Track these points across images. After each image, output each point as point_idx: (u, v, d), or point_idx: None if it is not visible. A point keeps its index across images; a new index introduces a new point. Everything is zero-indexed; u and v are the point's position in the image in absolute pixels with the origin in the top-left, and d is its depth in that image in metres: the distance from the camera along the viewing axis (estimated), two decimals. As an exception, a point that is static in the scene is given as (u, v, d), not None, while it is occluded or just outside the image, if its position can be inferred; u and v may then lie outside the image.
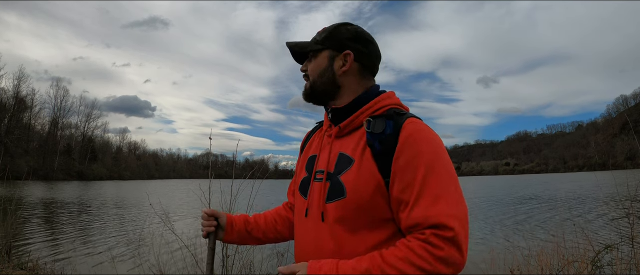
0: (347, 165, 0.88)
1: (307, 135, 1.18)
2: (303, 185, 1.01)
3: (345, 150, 0.91)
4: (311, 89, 1.01)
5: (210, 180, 3.52)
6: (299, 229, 1.00)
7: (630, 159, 75.73)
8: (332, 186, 0.89)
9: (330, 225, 0.88)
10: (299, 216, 1.00)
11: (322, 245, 0.88)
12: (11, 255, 5.42)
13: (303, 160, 1.08)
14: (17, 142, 61.97)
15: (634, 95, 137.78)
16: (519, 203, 16.52)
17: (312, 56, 1.02)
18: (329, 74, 0.97)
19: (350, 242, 0.85)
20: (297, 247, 1.00)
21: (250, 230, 1.17)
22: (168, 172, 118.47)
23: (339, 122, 0.97)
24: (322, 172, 0.94)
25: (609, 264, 3.33)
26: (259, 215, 1.21)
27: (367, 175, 0.84)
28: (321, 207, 0.91)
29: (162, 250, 4.42)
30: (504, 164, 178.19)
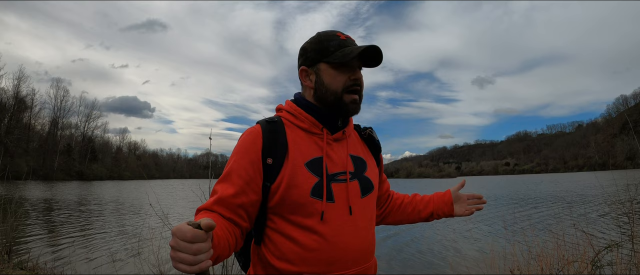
0: (365, 164, 1.08)
1: (269, 135, 0.99)
2: (319, 190, 0.95)
3: (353, 152, 1.08)
4: (361, 101, 1.07)
5: (210, 180, 3.52)
6: (334, 231, 0.94)
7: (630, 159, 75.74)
8: (363, 183, 1.04)
9: (369, 216, 1.05)
10: (332, 219, 0.94)
11: (366, 234, 1.01)
12: (11, 255, 5.42)
13: (296, 164, 0.95)
14: (17, 142, 61.95)
15: (634, 95, 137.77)
16: (519, 203, 16.52)
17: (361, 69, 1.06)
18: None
19: (373, 225, 1.08)
20: (335, 247, 0.93)
21: (215, 246, 0.79)
22: (168, 172, 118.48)
23: (339, 128, 1.07)
24: (345, 173, 1.02)
25: (609, 264, 3.33)
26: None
27: (376, 170, 1.13)
28: (358, 203, 1.01)
29: (162, 251, 4.41)
30: (504, 164, 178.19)
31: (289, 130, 1.02)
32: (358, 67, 1.04)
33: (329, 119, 1.05)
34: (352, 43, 1.04)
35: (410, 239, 8.46)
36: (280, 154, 0.97)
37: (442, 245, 7.76)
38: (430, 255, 6.89)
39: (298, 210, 0.94)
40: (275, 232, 0.96)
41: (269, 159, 0.96)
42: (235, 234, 0.92)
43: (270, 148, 0.97)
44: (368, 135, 1.17)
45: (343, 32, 1.07)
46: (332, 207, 0.95)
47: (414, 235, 8.91)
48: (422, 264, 6.29)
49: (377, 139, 1.19)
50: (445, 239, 8.44)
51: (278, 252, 0.94)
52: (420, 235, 8.92)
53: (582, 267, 3.20)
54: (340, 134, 1.06)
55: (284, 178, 0.95)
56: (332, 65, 1.02)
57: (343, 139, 1.07)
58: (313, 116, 1.04)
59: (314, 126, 1.04)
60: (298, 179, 0.94)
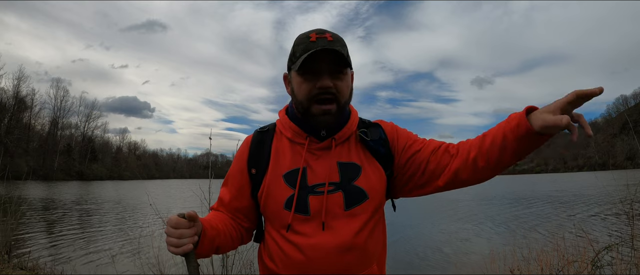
0: (358, 171, 0.97)
1: (255, 145, 1.03)
2: (291, 201, 0.93)
3: (344, 158, 0.98)
4: (340, 111, 0.95)
5: (210, 180, 3.52)
6: (308, 243, 0.92)
7: (630, 159, 75.75)
8: (349, 193, 0.94)
9: (355, 229, 0.93)
10: (305, 233, 0.92)
11: (348, 249, 0.92)
12: (11, 255, 5.42)
13: (275, 175, 0.97)
14: (17, 142, 61.95)
15: (634, 95, 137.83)
16: (519, 203, 16.52)
17: (343, 73, 0.93)
18: (350, 95, 1.00)
19: (372, 236, 0.97)
20: (310, 259, 0.91)
21: (214, 237, 0.94)
22: (168, 172, 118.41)
23: (331, 134, 0.99)
24: (324, 185, 0.94)
25: (609, 264, 3.34)
26: (211, 221, 0.97)
27: (378, 175, 0.99)
28: (340, 216, 0.93)
29: (162, 251, 4.41)
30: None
31: (276, 140, 1.02)
32: (328, 73, 0.91)
33: (314, 128, 0.98)
34: (321, 45, 0.90)
35: (410, 239, 8.46)
36: (263, 165, 1.00)
37: (442, 245, 7.76)
38: (430, 255, 6.89)
39: (275, 220, 0.98)
40: (268, 233, 1.01)
41: (253, 169, 1.01)
42: (240, 230, 1.05)
43: (254, 159, 1.02)
44: (360, 137, 1.02)
45: (321, 32, 0.93)
46: (306, 219, 0.92)
47: (414, 235, 8.92)
48: (422, 264, 6.30)
49: (377, 138, 1.02)
50: (445, 239, 8.44)
51: (268, 252, 0.99)
52: (419, 235, 8.93)
53: (582, 267, 3.20)
54: (328, 142, 0.98)
55: (265, 188, 0.98)
56: (299, 73, 0.93)
57: (332, 147, 0.98)
58: (297, 125, 1.00)
59: (297, 135, 0.99)
60: (274, 191, 0.96)
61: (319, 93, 0.91)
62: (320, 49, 0.88)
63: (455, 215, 12.79)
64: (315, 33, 0.93)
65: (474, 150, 0.92)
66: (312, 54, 0.88)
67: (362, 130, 1.02)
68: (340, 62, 0.91)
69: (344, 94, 0.94)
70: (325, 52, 0.88)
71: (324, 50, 0.88)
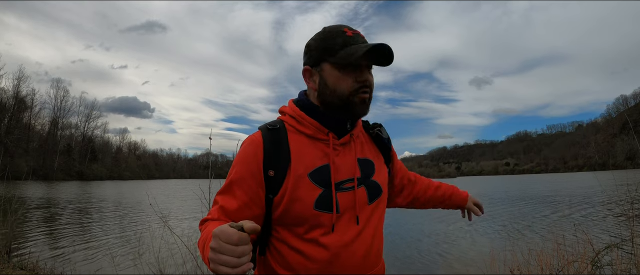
0: (372, 167, 1.01)
1: (270, 145, 0.92)
2: (323, 201, 0.89)
3: (361, 155, 1.01)
4: (369, 105, 0.97)
5: (210, 180, 3.51)
6: (341, 242, 0.89)
7: (630, 159, 75.72)
8: (370, 188, 0.98)
9: (375, 223, 0.98)
10: (330, 232, 0.89)
11: (371, 242, 0.95)
12: (11, 255, 5.42)
13: (299, 175, 0.90)
14: (17, 142, 61.94)
15: (634, 95, 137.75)
16: (519, 203, 16.52)
17: (371, 69, 0.96)
18: None
19: (381, 230, 1.02)
20: (342, 259, 0.89)
21: None
22: (168, 172, 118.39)
23: (347, 131, 0.98)
24: (353, 180, 0.95)
25: (609, 264, 3.34)
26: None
27: (384, 171, 1.06)
28: (366, 210, 0.96)
29: (162, 250, 4.41)
30: (504, 164, 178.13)
31: (291, 138, 0.94)
32: (366, 67, 0.92)
33: (336, 122, 0.95)
34: (359, 40, 0.91)
35: (410, 239, 8.45)
36: (283, 165, 0.90)
37: (441, 245, 7.76)
38: (430, 255, 6.89)
39: (302, 223, 0.89)
40: (280, 242, 0.92)
41: (271, 171, 0.90)
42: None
43: (271, 159, 0.90)
44: (376, 135, 1.08)
45: (351, 28, 0.94)
46: (339, 218, 0.90)
47: (413, 235, 8.92)
48: (421, 264, 6.29)
49: (387, 137, 1.10)
50: (445, 239, 8.44)
51: (283, 262, 0.91)
52: (419, 235, 8.93)
53: (582, 267, 3.19)
54: (347, 137, 0.97)
55: (287, 191, 0.89)
56: (337, 66, 0.91)
57: (351, 142, 0.98)
58: (318, 120, 0.95)
59: (319, 132, 0.94)
60: (300, 192, 0.89)
61: (360, 87, 0.91)
62: (379, 44, 0.87)
63: (454, 215, 12.78)
64: (347, 28, 0.94)
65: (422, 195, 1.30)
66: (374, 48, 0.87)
67: (377, 129, 1.09)
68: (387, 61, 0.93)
69: (373, 88, 0.98)
70: (383, 48, 0.88)
71: (381, 46, 0.87)
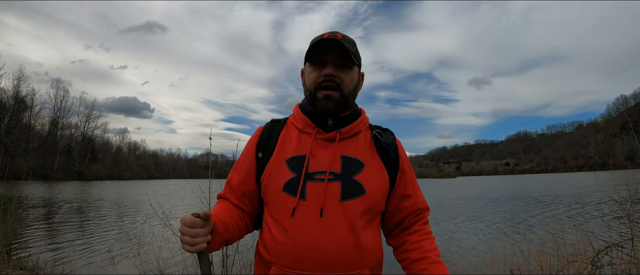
0: (359, 167, 1.01)
1: (266, 132, 1.11)
2: (291, 185, 0.97)
3: (348, 153, 1.02)
4: (344, 100, 1.02)
5: (210, 180, 3.51)
6: (297, 229, 0.94)
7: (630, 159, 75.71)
8: (347, 185, 0.97)
9: (350, 221, 0.95)
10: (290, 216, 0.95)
11: (342, 241, 0.93)
12: (11, 255, 5.42)
13: (278, 160, 1.02)
14: (17, 142, 61.91)
15: (634, 95, 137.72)
16: (519, 203, 16.52)
17: (349, 68, 1.02)
18: (356, 90, 1.08)
19: (364, 233, 0.97)
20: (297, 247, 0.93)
21: (224, 232, 0.96)
22: (168, 172, 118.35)
23: (338, 127, 1.04)
24: (325, 173, 0.98)
25: (609, 264, 3.34)
26: (221, 213, 1.01)
27: (380, 176, 1.03)
28: (335, 205, 0.95)
29: (162, 250, 4.42)
30: (504, 164, 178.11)
31: (285, 130, 1.09)
32: (333, 63, 1.00)
33: (321, 118, 1.04)
34: (331, 39, 1.00)
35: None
36: (270, 150, 1.06)
37: (441, 245, 7.76)
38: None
39: (272, 203, 1.01)
40: (264, 220, 1.05)
41: (260, 153, 1.07)
42: (245, 219, 1.09)
43: (262, 144, 1.08)
44: (374, 137, 1.07)
45: (334, 32, 1.03)
46: (302, 204, 0.95)
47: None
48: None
49: (386, 142, 1.06)
50: (445, 239, 8.43)
51: (262, 240, 1.03)
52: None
53: (582, 267, 3.20)
54: (334, 133, 1.03)
55: (268, 171, 1.03)
56: (310, 64, 1.03)
57: (338, 139, 1.03)
58: (307, 116, 1.06)
59: (307, 126, 1.06)
60: (276, 174, 1.01)
61: (324, 80, 0.99)
62: (327, 39, 0.97)
63: (454, 215, 12.79)
64: (328, 33, 1.03)
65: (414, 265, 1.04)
66: (320, 44, 0.98)
67: (377, 131, 1.08)
68: (345, 57, 0.99)
69: (348, 85, 1.02)
70: (331, 45, 0.98)
71: (330, 42, 0.97)
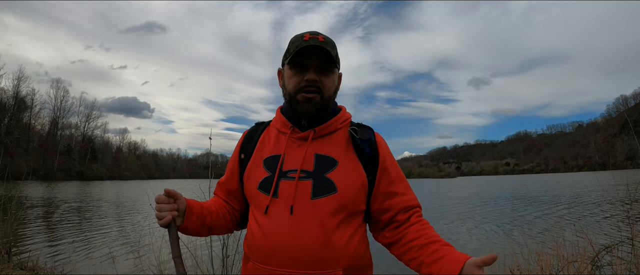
0: (332, 164, 1.01)
1: (249, 134, 1.17)
2: (266, 183, 1.01)
3: (323, 151, 1.03)
4: (325, 104, 1.03)
5: (210, 180, 3.52)
6: (269, 226, 0.96)
7: (630, 159, 75.70)
8: (319, 183, 0.98)
9: (320, 219, 0.94)
10: (263, 213, 0.99)
11: (310, 238, 0.93)
12: (11, 255, 5.42)
13: (257, 159, 1.08)
14: (17, 142, 61.92)
15: (634, 95, 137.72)
16: (519, 203, 16.52)
17: (330, 71, 1.03)
18: (335, 92, 1.09)
19: (336, 233, 0.95)
20: (268, 244, 0.95)
21: (205, 216, 1.07)
22: (168, 172, 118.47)
23: (312, 126, 1.05)
24: (296, 171, 1.00)
25: (609, 264, 3.33)
26: (207, 202, 1.13)
27: (355, 174, 1.01)
28: (306, 203, 0.96)
29: (162, 250, 4.41)
30: (504, 164, 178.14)
31: (266, 131, 1.14)
32: (314, 68, 1.00)
33: (297, 118, 1.06)
34: (313, 43, 0.99)
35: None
36: (250, 150, 1.12)
37: (442, 245, 7.75)
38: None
39: (252, 201, 1.06)
40: (250, 219, 1.09)
41: (242, 155, 1.14)
42: (234, 213, 1.17)
43: (245, 145, 1.15)
44: (350, 134, 1.06)
45: (315, 33, 1.02)
46: (275, 202, 0.98)
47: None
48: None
49: (366, 139, 1.04)
50: (445, 239, 8.43)
51: (246, 237, 1.07)
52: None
53: (582, 267, 3.19)
54: (309, 132, 1.04)
55: (247, 172, 1.09)
56: (290, 67, 1.03)
57: (312, 137, 1.04)
58: (285, 116, 1.09)
59: (284, 126, 1.08)
60: (253, 172, 1.07)
61: (305, 85, 1.00)
62: (311, 45, 0.98)
63: (454, 215, 12.78)
64: (309, 34, 1.02)
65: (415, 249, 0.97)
66: (304, 49, 0.98)
67: (353, 127, 1.08)
68: (327, 61, 1.00)
69: (329, 88, 1.03)
70: (314, 49, 0.98)
71: (313, 47, 0.98)
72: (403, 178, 1.09)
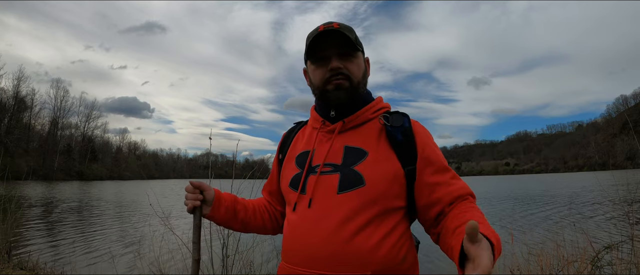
0: (361, 156, 0.93)
1: (287, 134, 1.18)
2: (295, 180, 0.99)
3: (353, 143, 0.97)
4: (354, 90, 0.98)
5: (210, 180, 3.52)
6: (294, 223, 0.94)
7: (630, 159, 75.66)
8: (346, 177, 0.91)
9: (344, 215, 0.87)
10: (292, 211, 0.97)
11: (327, 235, 0.86)
12: (11, 255, 5.42)
13: (290, 158, 1.08)
14: (17, 142, 61.93)
15: (634, 95, 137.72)
16: (519, 203, 16.52)
17: (353, 56, 0.98)
18: (365, 77, 1.04)
19: (363, 232, 0.86)
20: (292, 242, 0.93)
21: (238, 210, 1.09)
22: (168, 172, 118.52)
23: (342, 118, 1.00)
24: (325, 165, 0.95)
25: (609, 264, 3.33)
26: (247, 200, 1.17)
27: (385, 164, 0.92)
28: (331, 197, 0.90)
29: (162, 250, 4.41)
30: (504, 164, 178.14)
31: (302, 129, 1.13)
32: (336, 55, 0.95)
33: (325, 111, 1.03)
34: (328, 30, 0.96)
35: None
36: (285, 150, 1.12)
37: (442, 245, 7.74)
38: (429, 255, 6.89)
39: (285, 199, 1.06)
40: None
41: (280, 155, 1.14)
42: (274, 215, 1.17)
43: (282, 146, 1.15)
44: (382, 123, 0.97)
45: (329, 23, 0.97)
46: (301, 198, 0.96)
47: (414, 235, 8.90)
48: (421, 264, 6.29)
49: (398, 126, 0.95)
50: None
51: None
52: (416, 234, 8.91)
53: (582, 267, 3.19)
54: (338, 124, 0.99)
55: (282, 172, 1.09)
56: (311, 61, 1.00)
57: (339, 129, 0.99)
58: (317, 112, 1.07)
59: (315, 121, 1.06)
60: (285, 171, 1.07)
61: (331, 75, 0.96)
62: (323, 31, 0.93)
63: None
64: (323, 25, 0.98)
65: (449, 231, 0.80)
66: (318, 38, 0.94)
67: (384, 114, 1.00)
68: (347, 45, 0.95)
69: (356, 74, 0.98)
70: (329, 36, 0.93)
71: (327, 34, 0.93)
72: (448, 168, 0.96)
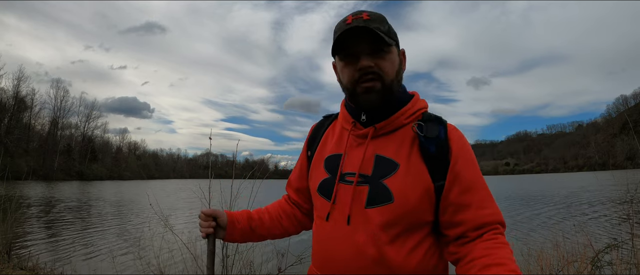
0: (392, 169, 0.84)
1: (316, 128, 1.08)
2: (325, 187, 0.92)
3: (384, 152, 0.87)
4: (387, 90, 0.86)
5: (210, 180, 3.51)
6: (326, 234, 0.90)
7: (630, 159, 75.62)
8: (374, 190, 0.84)
9: (373, 231, 0.82)
10: (324, 220, 0.91)
11: (362, 251, 0.82)
12: (11, 255, 5.42)
13: (319, 158, 0.99)
14: (17, 142, 61.91)
15: (634, 95, 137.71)
16: (519, 203, 16.51)
17: (386, 52, 0.85)
18: (401, 74, 0.91)
19: (392, 247, 0.82)
20: (323, 252, 0.90)
21: (254, 228, 1.07)
22: (168, 172, 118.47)
23: (373, 122, 0.89)
24: (354, 175, 0.87)
25: (609, 264, 3.33)
26: (262, 211, 1.12)
27: (416, 180, 0.83)
28: (360, 212, 0.84)
29: (162, 250, 4.41)
30: (504, 164, 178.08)
31: (332, 126, 1.04)
32: (366, 53, 0.84)
33: (356, 113, 0.92)
34: (356, 25, 0.84)
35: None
36: (315, 147, 1.03)
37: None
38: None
39: (314, 203, 0.99)
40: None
41: (309, 152, 1.05)
42: (294, 216, 1.12)
43: (311, 142, 1.06)
44: (415, 132, 0.87)
45: (358, 13, 0.86)
46: (334, 209, 0.88)
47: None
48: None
49: (433, 136, 0.84)
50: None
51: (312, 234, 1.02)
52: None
53: (582, 267, 3.19)
54: (370, 129, 0.89)
55: (310, 171, 1.02)
56: (340, 58, 0.89)
57: (371, 136, 0.89)
58: (348, 110, 0.96)
59: (346, 122, 0.96)
60: (314, 173, 0.99)
61: (361, 75, 0.84)
62: (351, 28, 0.81)
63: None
64: (351, 15, 0.86)
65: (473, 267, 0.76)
66: (346, 34, 0.82)
67: (419, 122, 0.88)
68: (378, 41, 0.82)
69: (389, 73, 0.85)
70: (357, 31, 0.82)
71: (355, 29, 0.81)
72: (483, 186, 0.85)
